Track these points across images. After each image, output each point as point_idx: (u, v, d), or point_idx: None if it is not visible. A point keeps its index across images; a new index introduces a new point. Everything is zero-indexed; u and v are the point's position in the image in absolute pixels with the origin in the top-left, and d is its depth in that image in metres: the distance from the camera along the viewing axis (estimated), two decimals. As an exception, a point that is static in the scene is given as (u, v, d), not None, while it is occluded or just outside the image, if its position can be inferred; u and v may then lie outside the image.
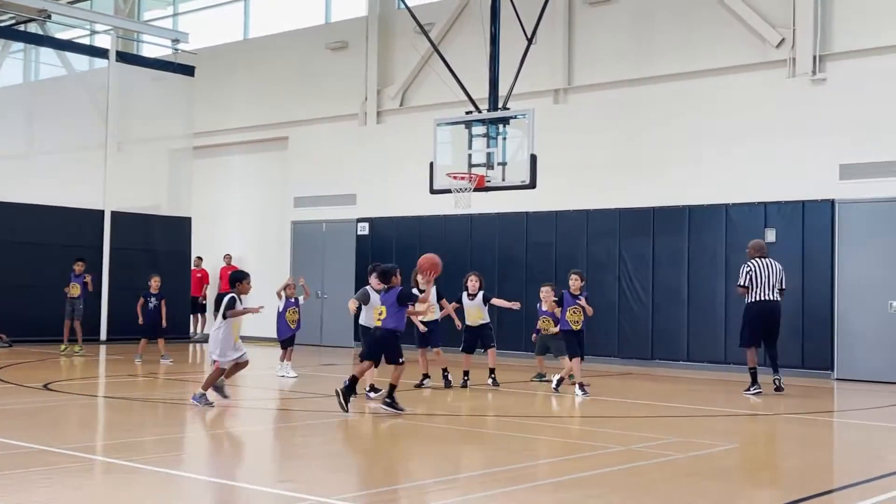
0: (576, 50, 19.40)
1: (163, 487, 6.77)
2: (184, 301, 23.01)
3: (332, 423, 10.11)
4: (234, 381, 11.95)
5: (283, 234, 23.22)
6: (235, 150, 24.60)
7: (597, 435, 9.52)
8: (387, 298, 10.43)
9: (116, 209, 21.95)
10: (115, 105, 22.26)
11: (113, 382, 14.27)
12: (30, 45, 24.85)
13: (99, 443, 8.84)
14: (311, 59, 23.14)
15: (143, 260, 22.19)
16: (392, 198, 21.06)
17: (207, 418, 10.17)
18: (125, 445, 8.42)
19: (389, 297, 10.41)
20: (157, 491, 6.65)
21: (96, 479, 7.09)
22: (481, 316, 13.64)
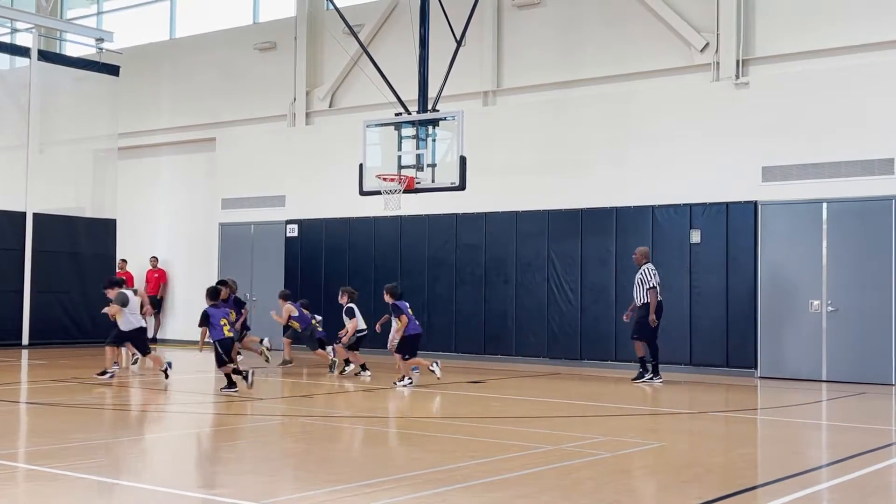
0: (504, 52, 19.54)
1: (86, 494, 6.64)
2: (106, 304, 22.53)
3: (259, 427, 10.02)
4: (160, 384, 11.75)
5: (210, 236, 22.92)
6: (162, 152, 24.24)
7: (526, 435, 9.60)
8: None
9: (39, 211, 21.44)
10: (38, 105, 21.73)
11: (36, 388, 13.94)
12: (-53, 42, 24.13)
13: (21, 449, 8.63)
14: (238, 59, 22.91)
15: (67, 262, 21.75)
16: (321, 199, 20.95)
17: (133, 423, 9.99)
18: (49, 452, 8.24)
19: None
20: (79, 498, 6.52)
21: (18, 487, 6.93)
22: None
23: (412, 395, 13.05)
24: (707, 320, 16.64)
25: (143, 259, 23.71)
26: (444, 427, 10.04)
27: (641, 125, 17.55)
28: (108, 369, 14.19)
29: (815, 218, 15.86)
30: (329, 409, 11.31)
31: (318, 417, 10.55)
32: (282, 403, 12.47)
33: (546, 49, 19.01)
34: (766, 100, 16.42)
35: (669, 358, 16.48)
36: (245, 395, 12.52)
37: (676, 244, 16.96)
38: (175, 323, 23.79)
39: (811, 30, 16.41)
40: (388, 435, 9.54)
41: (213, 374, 14.48)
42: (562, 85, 18.77)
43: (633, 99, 17.78)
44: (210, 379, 14.48)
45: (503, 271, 18.74)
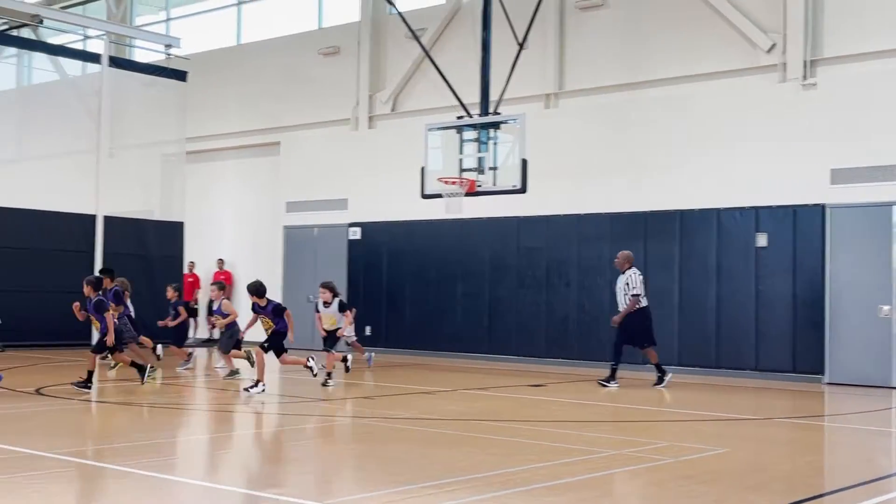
0: (567, 54, 19.47)
1: (153, 492, 6.77)
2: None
3: (322, 427, 10.12)
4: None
5: (275, 238, 23.21)
6: (228, 156, 24.61)
7: (587, 439, 9.55)
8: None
9: (109, 214, 21.93)
10: (108, 110, 22.23)
11: (104, 387, 14.25)
12: (23, 49, 24.79)
13: (90, 447, 8.84)
14: (303, 64, 23.17)
15: (136, 264, 22.18)
16: (383, 202, 21.08)
17: (198, 422, 10.16)
18: (116, 450, 8.42)
19: None
20: (146, 495, 6.66)
21: (86, 484, 7.09)
22: (334, 322, 14.50)
23: (473, 398, 13.06)
24: (773, 325, 16.37)
25: (210, 261, 24.10)
26: (505, 430, 10.04)
27: (706, 127, 17.34)
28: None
29: (885, 221, 15.50)
30: (390, 410, 11.37)
31: (379, 419, 10.62)
32: (343, 404, 12.58)
33: (609, 51, 18.89)
34: (834, 101, 16.11)
35: (735, 363, 16.26)
36: (308, 396, 12.65)
37: (742, 248, 16.72)
38: (243, 324, 24.05)
39: (880, 29, 16.06)
40: (448, 437, 9.56)
41: (278, 375, 14.66)
42: (625, 87, 18.64)
43: (697, 101, 17.58)
44: (275, 380, 14.65)
45: (565, 275, 18.66)
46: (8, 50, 24.38)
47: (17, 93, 25.38)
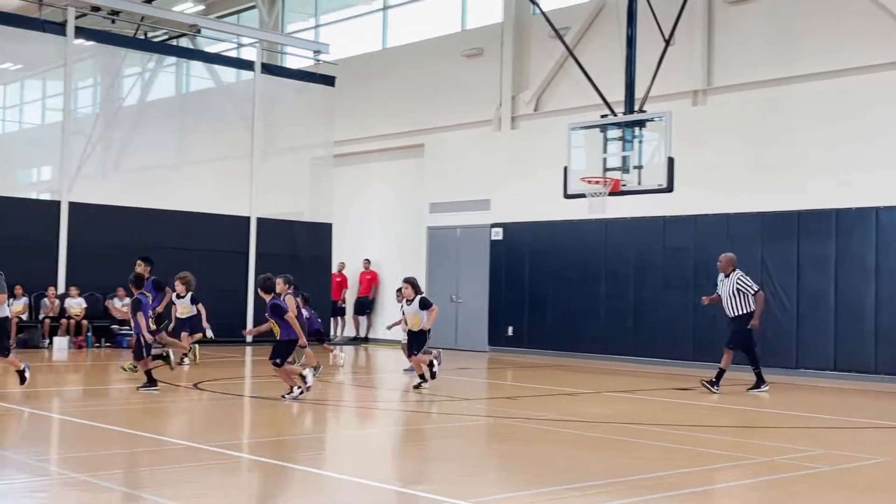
0: (715, 50, 18.99)
1: (305, 486, 6.98)
2: (325, 305, 23.64)
3: (464, 426, 10.19)
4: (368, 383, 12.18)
5: (418, 239, 23.54)
6: (374, 158, 25.08)
7: (736, 445, 9.29)
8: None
9: (261, 215, 22.73)
10: (261, 115, 23.05)
11: (258, 383, 14.77)
12: (181, 58, 25.97)
13: (245, 441, 9.18)
14: (446, 66, 23.39)
15: (286, 264, 22.88)
16: (526, 203, 21.06)
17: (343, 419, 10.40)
18: (270, 444, 8.71)
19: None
20: (298, 488, 6.86)
21: (242, 477, 7.37)
22: (418, 321, 13.11)
23: (616, 401, 12.90)
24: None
25: (357, 261, 24.64)
26: (649, 434, 9.87)
27: (861, 122, 16.60)
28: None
29: None
30: (532, 411, 11.36)
31: (521, 419, 10.62)
32: (486, 404, 12.64)
33: (759, 45, 18.32)
34: None
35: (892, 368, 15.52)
36: (453, 395, 12.77)
37: (903, 248, 15.93)
38: (385, 324, 24.53)
39: None
40: (591, 439, 9.48)
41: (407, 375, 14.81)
42: (776, 82, 18.03)
43: (852, 94, 16.85)
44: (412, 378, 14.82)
45: (713, 276, 18.14)
46: (168, 59, 25.58)
47: (176, 100, 26.59)
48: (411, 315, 13.08)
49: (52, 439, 9.01)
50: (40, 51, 21.73)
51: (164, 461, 7.57)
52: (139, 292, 12.10)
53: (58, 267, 19.63)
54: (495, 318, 21.61)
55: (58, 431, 9.52)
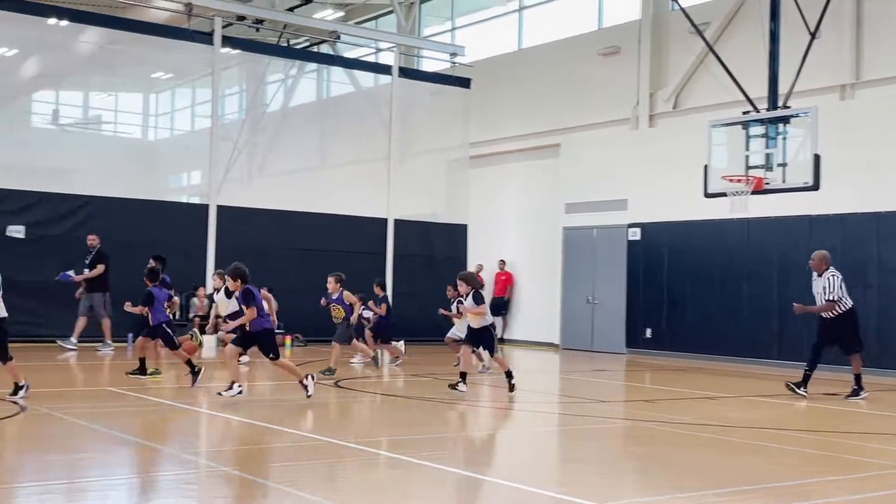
0: (864, 42, 18.20)
1: (441, 484, 7.06)
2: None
3: (602, 429, 10.11)
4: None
5: (554, 239, 23.43)
6: (509, 159, 25.10)
7: (889, 453, 8.89)
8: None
9: (399, 217, 23.08)
10: (398, 118, 23.40)
11: (393, 382, 15.01)
12: (322, 64, 26.68)
13: (382, 438, 9.35)
14: (583, 65, 23.21)
15: (422, 265, 23.20)
16: (664, 202, 20.69)
17: (483, 419, 10.45)
18: (406, 441, 8.85)
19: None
20: (434, 487, 6.95)
21: (381, 474, 7.51)
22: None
23: (759, 405, 12.53)
24: None
25: (492, 262, 24.73)
26: (794, 439, 9.56)
27: None
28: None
29: None
30: (671, 414, 11.15)
31: (659, 422, 10.45)
32: (623, 407, 12.49)
33: (912, 36, 17.47)
34: None
35: None
36: (586, 396, 12.66)
37: None
38: (520, 324, 24.56)
39: None
40: (732, 444, 9.24)
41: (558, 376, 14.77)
42: (931, 74, 17.16)
43: None
44: (553, 380, 14.79)
45: (862, 277, 17.44)
46: (309, 65, 26.31)
47: (317, 105, 27.33)
48: (470, 311, 12.42)
49: (200, 434, 9.40)
50: (189, 60, 22.70)
51: (305, 456, 7.79)
52: (153, 285, 12.46)
53: (206, 268, 20.43)
54: (633, 319, 21.31)
55: (206, 426, 9.92)
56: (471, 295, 12.31)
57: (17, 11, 18.71)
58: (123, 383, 12.25)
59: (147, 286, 12.65)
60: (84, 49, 21.97)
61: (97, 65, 23.43)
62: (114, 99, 29.49)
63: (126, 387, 11.91)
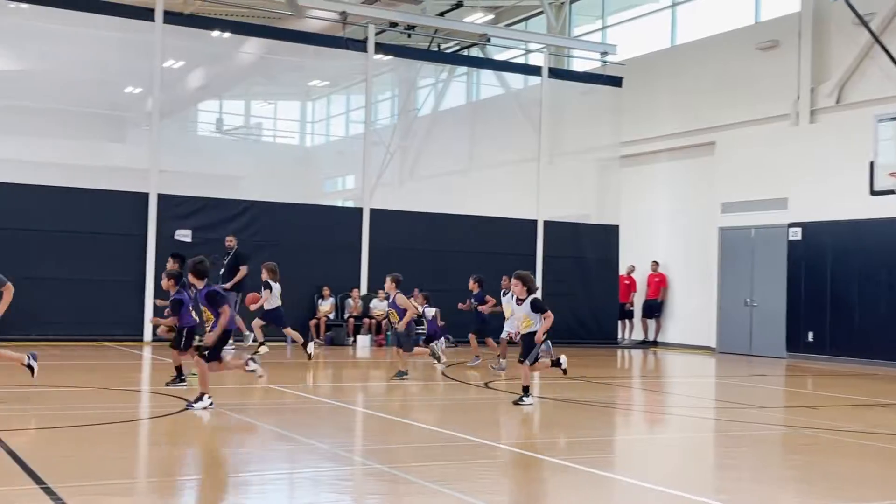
0: None
1: (594, 488, 7.00)
2: (611, 307, 23.57)
3: (761, 435, 9.78)
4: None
5: (709, 240, 22.84)
6: (661, 158, 24.65)
7: None
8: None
9: (548, 218, 23.01)
10: (548, 119, 23.36)
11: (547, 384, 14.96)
12: (472, 67, 26.88)
13: (536, 440, 9.34)
14: (739, 61, 22.53)
15: (572, 267, 23.05)
16: (827, 201, 19.85)
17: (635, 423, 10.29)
18: (557, 444, 8.81)
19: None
20: (587, 490, 6.89)
21: (532, 475, 7.51)
22: (530, 324, 11.10)
23: None
24: None
25: (645, 263, 24.32)
26: (972, 452, 8.99)
27: None
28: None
29: None
30: (835, 422, 10.69)
31: (822, 430, 10.03)
32: (783, 413, 12.05)
33: None
34: None
35: None
36: (742, 402, 12.28)
37: None
38: (675, 327, 24.05)
39: None
40: None
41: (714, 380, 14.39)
42: None
43: None
44: (709, 384, 14.42)
45: None
46: (459, 69, 26.56)
47: (467, 108, 27.56)
48: (523, 316, 11.15)
49: (355, 431, 9.63)
50: (344, 67, 23.32)
51: (458, 457, 7.86)
52: (177, 290, 11.57)
53: (360, 270, 20.92)
54: (794, 322, 20.54)
55: (361, 424, 10.15)
56: (529, 300, 11.05)
57: (184, 25, 19.66)
58: (283, 380, 12.67)
59: (172, 290, 11.63)
60: (245, 60, 22.91)
61: (258, 74, 24.39)
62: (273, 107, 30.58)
63: (285, 384, 12.31)
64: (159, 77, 19.36)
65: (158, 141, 19.37)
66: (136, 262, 18.75)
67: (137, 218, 18.91)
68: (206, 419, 9.39)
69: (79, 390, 11.18)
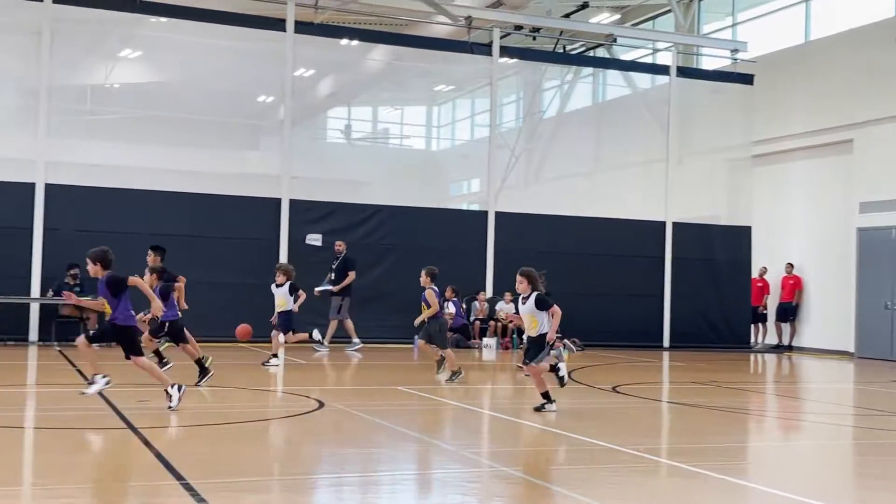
0: None
1: (726, 495, 6.84)
2: (744, 310, 22.98)
3: None
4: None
5: (846, 241, 21.99)
6: (795, 157, 23.86)
7: None
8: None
9: (677, 220, 22.60)
10: (676, 119, 22.95)
11: (676, 388, 14.70)
12: (598, 68, 26.64)
13: (664, 446, 9.19)
14: (878, 54, 21.60)
15: (702, 269, 22.57)
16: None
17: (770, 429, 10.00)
18: (687, 450, 8.65)
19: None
20: (718, 497, 6.74)
21: (661, 481, 7.39)
22: (536, 324, 10.22)
23: None
24: None
25: (778, 265, 23.61)
26: None
27: None
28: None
29: None
30: None
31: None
32: (929, 422, 11.51)
33: None
34: None
35: None
36: (882, 409, 11.78)
37: None
38: (811, 331, 23.25)
39: None
40: None
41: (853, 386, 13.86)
42: None
43: None
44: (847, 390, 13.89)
45: None
46: (585, 70, 26.35)
47: (592, 109, 27.30)
48: (527, 316, 10.25)
49: (482, 433, 9.66)
50: (469, 71, 23.46)
51: (584, 461, 7.81)
52: (159, 282, 11.78)
53: (486, 272, 20.99)
54: (940, 327, 19.59)
55: (487, 426, 10.18)
56: (532, 297, 10.17)
57: (314, 34, 20.17)
58: (412, 382, 12.82)
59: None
60: (373, 66, 23.31)
61: (385, 81, 24.76)
62: (399, 113, 31.00)
63: (414, 386, 12.46)
64: (290, 85, 19.90)
65: (290, 148, 19.91)
66: (269, 266, 19.28)
67: (270, 223, 19.48)
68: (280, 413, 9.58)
69: (216, 390, 11.59)
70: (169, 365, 12.44)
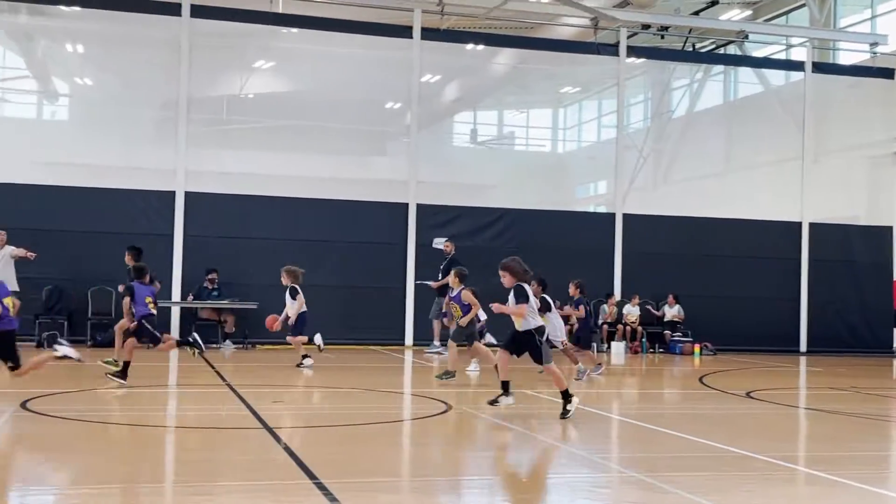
0: None
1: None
2: (886, 314, 22.06)
3: None
4: None
5: None
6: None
7: None
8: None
9: (814, 220, 21.88)
10: (812, 116, 22.22)
11: (812, 394, 14.23)
12: (729, 66, 26.00)
13: (800, 453, 8.91)
14: None
15: (842, 271, 21.78)
16: None
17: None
18: (824, 457, 8.37)
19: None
20: (859, 508, 6.51)
21: (796, 489, 7.17)
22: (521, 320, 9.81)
23: None
24: None
25: (922, 267, 22.58)
26: None
27: None
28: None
29: None
30: None
31: None
32: None
33: None
34: None
35: None
36: None
37: None
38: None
39: None
40: None
41: None
42: None
43: None
44: None
45: None
46: (715, 68, 25.75)
47: (723, 108, 26.65)
48: (505, 310, 9.94)
49: (611, 438, 9.57)
50: (596, 72, 23.28)
51: (716, 467, 7.65)
52: (138, 281, 12.04)
53: (614, 275, 20.78)
54: None
55: (616, 431, 10.08)
56: (513, 290, 9.81)
57: (440, 40, 20.41)
58: (538, 386, 12.80)
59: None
60: (498, 70, 23.39)
61: (510, 84, 24.80)
62: (525, 115, 30.97)
63: (539, 390, 12.44)
64: (417, 91, 20.16)
65: (417, 153, 20.17)
66: (397, 269, 19.60)
67: (398, 227, 19.77)
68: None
69: (346, 391, 11.84)
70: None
